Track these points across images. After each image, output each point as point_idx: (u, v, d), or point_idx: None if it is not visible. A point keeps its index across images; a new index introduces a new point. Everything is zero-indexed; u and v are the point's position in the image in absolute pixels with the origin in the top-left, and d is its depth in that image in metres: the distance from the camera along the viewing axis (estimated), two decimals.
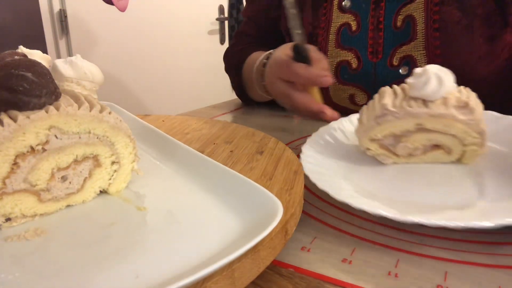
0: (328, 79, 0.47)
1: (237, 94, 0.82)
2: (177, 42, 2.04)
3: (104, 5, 1.63)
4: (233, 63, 0.78)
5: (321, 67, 0.50)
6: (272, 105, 0.80)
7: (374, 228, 0.33)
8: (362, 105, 0.42)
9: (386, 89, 0.41)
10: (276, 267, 0.28)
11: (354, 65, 0.66)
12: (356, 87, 0.68)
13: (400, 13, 0.61)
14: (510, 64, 0.59)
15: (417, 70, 0.39)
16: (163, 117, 0.57)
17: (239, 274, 0.23)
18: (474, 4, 0.56)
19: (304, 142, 0.45)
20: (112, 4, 1.61)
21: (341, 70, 0.67)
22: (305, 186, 0.42)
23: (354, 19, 0.65)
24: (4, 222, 0.29)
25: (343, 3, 0.65)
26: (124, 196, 0.33)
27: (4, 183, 0.28)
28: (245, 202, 0.28)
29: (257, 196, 0.27)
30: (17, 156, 0.28)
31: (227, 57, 0.84)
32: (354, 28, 0.65)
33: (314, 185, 0.42)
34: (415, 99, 0.39)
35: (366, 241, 0.31)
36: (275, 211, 0.25)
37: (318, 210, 0.36)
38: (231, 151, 0.42)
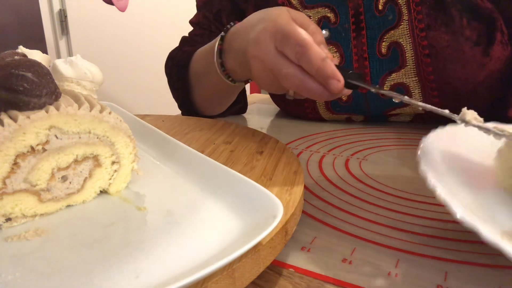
0: (339, 85, 0.38)
1: (180, 104, 0.70)
2: (177, 42, 2.04)
3: (104, 5, 1.63)
4: (178, 63, 0.67)
5: (320, 41, 0.41)
6: (272, 105, 0.80)
7: (374, 228, 0.33)
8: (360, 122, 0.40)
9: None
10: (276, 267, 0.28)
11: (344, 98, 0.63)
12: (351, 114, 0.67)
13: (384, 39, 0.58)
14: (501, 75, 0.58)
15: None
16: (163, 117, 0.58)
17: (239, 274, 0.23)
18: (460, 26, 0.54)
19: (304, 142, 0.44)
20: (112, 4, 1.61)
21: (331, 104, 0.65)
22: (305, 186, 0.42)
23: (336, 51, 0.61)
24: (4, 222, 0.29)
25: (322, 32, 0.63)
26: (124, 196, 0.33)
27: (4, 183, 0.28)
28: (245, 202, 0.28)
29: (257, 196, 0.27)
30: (17, 156, 0.28)
31: (171, 58, 0.71)
32: (337, 61, 0.61)
33: (314, 185, 0.42)
34: None
35: (366, 241, 0.31)
36: (275, 211, 0.25)
37: (318, 210, 0.36)
38: (231, 151, 0.42)
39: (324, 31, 0.61)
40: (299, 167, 0.37)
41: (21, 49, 0.47)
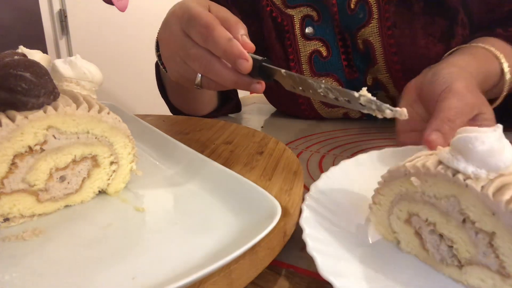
0: (247, 64, 0.35)
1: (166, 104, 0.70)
2: None
3: (104, 5, 1.63)
4: (156, 63, 0.64)
5: (241, 28, 0.39)
6: (272, 106, 0.80)
7: None
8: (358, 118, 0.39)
9: None
10: (276, 267, 0.28)
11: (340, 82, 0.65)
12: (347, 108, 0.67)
13: (358, 36, 0.60)
14: None
15: None
16: (163, 117, 0.57)
17: (237, 275, 0.23)
18: (424, 23, 0.55)
19: (304, 142, 0.44)
20: (112, 4, 1.61)
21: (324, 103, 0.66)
22: (305, 186, 0.42)
23: (322, 45, 0.63)
24: (2, 222, 0.28)
25: (305, 30, 0.63)
26: (122, 196, 0.33)
27: (2, 183, 0.28)
28: (244, 203, 0.28)
29: (256, 197, 0.27)
30: (15, 156, 0.28)
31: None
32: (325, 53, 0.63)
33: (312, 184, 0.42)
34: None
35: None
36: (273, 212, 0.25)
37: None
38: (231, 151, 0.42)
39: (308, 28, 0.63)
40: (299, 168, 0.37)
41: (21, 49, 0.47)
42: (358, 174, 0.35)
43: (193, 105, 0.67)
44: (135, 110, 0.56)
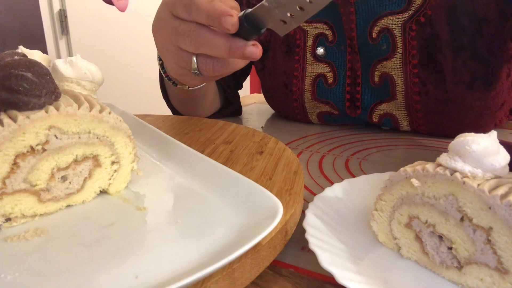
0: (232, 20, 0.34)
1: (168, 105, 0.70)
2: None
3: (104, 5, 1.63)
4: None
5: (231, 6, 0.37)
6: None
7: None
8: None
9: None
10: (276, 267, 0.28)
11: (336, 113, 0.63)
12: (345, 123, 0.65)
13: (377, 69, 0.57)
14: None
15: None
16: (163, 117, 0.58)
17: (239, 274, 0.23)
18: (453, 67, 0.52)
19: (303, 142, 0.44)
20: (112, 4, 1.61)
21: (324, 117, 0.64)
22: (305, 186, 0.42)
23: (330, 70, 0.60)
24: (4, 222, 0.29)
25: (316, 51, 0.60)
26: (124, 196, 0.33)
27: (4, 183, 0.28)
28: (245, 202, 0.28)
29: (257, 196, 0.27)
30: (17, 156, 0.28)
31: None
32: (330, 80, 0.60)
33: (314, 185, 0.42)
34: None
35: None
36: (275, 211, 0.25)
37: None
38: (231, 151, 0.42)
39: (319, 49, 0.59)
40: (299, 167, 0.37)
41: (21, 49, 0.47)
42: (361, 191, 0.35)
43: (194, 111, 0.65)
44: (136, 110, 0.56)
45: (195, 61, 0.40)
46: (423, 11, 0.51)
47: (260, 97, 0.93)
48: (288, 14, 0.33)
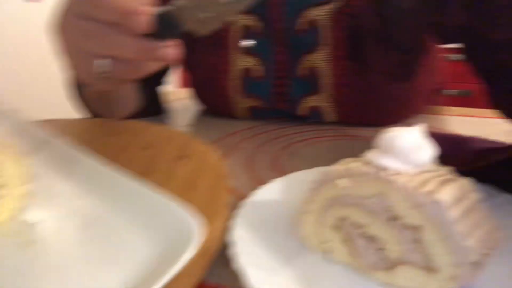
0: (143, 19, 0.31)
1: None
2: None
3: None
4: None
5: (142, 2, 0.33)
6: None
7: None
8: None
9: None
10: None
11: (264, 108, 0.60)
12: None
13: (304, 61, 0.55)
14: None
15: None
16: (72, 122, 0.51)
17: None
18: (376, 58, 0.52)
19: (234, 139, 0.41)
20: None
21: (253, 111, 0.61)
22: (233, 190, 0.39)
23: (257, 64, 0.57)
24: None
25: (244, 43, 0.56)
26: (12, 227, 0.27)
27: None
28: (158, 226, 0.24)
29: (172, 217, 0.24)
30: None
31: None
32: (258, 74, 0.57)
33: (243, 187, 0.39)
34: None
35: None
36: (191, 235, 0.22)
37: None
38: (149, 158, 0.38)
39: (246, 41, 0.56)
40: (224, 172, 0.34)
41: None
42: (290, 192, 0.33)
43: (110, 113, 0.59)
44: (41, 114, 0.49)
45: (104, 64, 0.36)
46: (349, 2, 0.51)
47: (189, 92, 0.88)
48: (206, 15, 0.30)
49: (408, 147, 0.22)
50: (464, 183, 0.23)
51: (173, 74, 0.72)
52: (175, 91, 0.91)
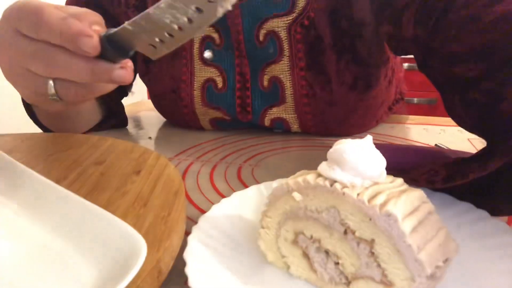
0: (91, 41, 0.30)
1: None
2: None
3: None
4: None
5: (90, 21, 0.32)
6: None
7: None
8: None
9: None
10: None
11: (228, 119, 0.60)
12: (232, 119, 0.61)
13: (265, 72, 0.55)
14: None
15: None
16: (22, 136, 0.48)
17: None
18: (337, 69, 0.52)
19: (195, 152, 0.40)
20: None
21: (216, 123, 0.61)
22: (194, 204, 0.38)
23: (219, 75, 0.57)
24: None
25: (204, 54, 0.56)
26: None
27: None
28: (104, 243, 0.23)
29: (119, 237, 0.22)
30: None
31: None
32: (220, 85, 0.57)
33: (204, 201, 0.38)
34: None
35: None
36: (137, 252, 0.20)
37: None
38: (101, 174, 0.36)
39: (206, 52, 0.56)
40: (180, 187, 0.32)
41: None
42: (250, 205, 0.32)
43: (68, 128, 0.56)
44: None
45: (52, 85, 0.34)
46: (306, 14, 0.51)
47: (150, 104, 0.86)
48: (157, 39, 0.29)
49: (359, 160, 0.22)
50: (417, 195, 0.23)
51: (140, 84, 0.70)
52: (141, 102, 0.89)
